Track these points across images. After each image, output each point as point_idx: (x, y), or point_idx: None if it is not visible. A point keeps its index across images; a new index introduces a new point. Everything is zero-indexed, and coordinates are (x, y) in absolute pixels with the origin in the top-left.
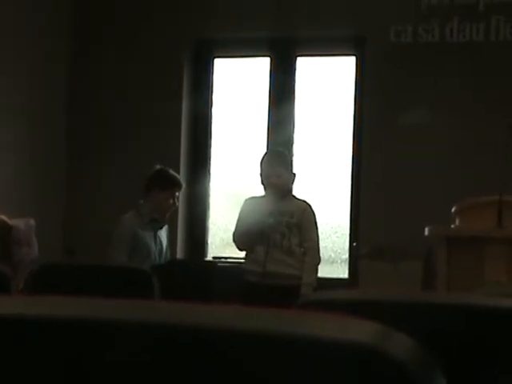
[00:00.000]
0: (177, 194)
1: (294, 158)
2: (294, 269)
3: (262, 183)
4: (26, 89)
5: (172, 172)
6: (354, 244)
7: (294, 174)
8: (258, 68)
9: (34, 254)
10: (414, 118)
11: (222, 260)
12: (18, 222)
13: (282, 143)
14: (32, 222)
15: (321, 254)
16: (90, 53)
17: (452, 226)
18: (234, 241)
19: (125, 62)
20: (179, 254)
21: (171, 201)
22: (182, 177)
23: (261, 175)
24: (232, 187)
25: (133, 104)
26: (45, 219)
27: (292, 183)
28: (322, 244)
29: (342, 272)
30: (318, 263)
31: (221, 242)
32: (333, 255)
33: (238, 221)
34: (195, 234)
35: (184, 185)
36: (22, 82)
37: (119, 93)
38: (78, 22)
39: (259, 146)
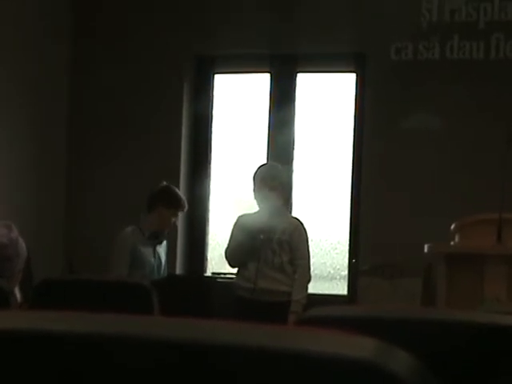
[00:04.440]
0: (179, 213)
1: (294, 175)
2: (284, 285)
3: (256, 198)
4: (27, 96)
5: (178, 191)
6: (354, 260)
7: (290, 188)
8: (259, 84)
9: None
10: (418, 124)
11: (222, 276)
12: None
13: (282, 159)
14: (12, 226)
15: (319, 271)
16: (90, 66)
17: (451, 243)
18: (226, 257)
19: (125, 78)
20: (179, 270)
21: (173, 219)
22: (181, 193)
23: (254, 191)
24: (232, 203)
25: (133, 119)
26: (45, 233)
27: (287, 197)
28: (321, 260)
29: (342, 288)
30: (309, 281)
31: (220, 258)
32: (332, 272)
33: (231, 238)
34: (195, 250)
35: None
36: (22, 89)
37: (120, 107)
38: (79, 34)
39: (260, 162)
